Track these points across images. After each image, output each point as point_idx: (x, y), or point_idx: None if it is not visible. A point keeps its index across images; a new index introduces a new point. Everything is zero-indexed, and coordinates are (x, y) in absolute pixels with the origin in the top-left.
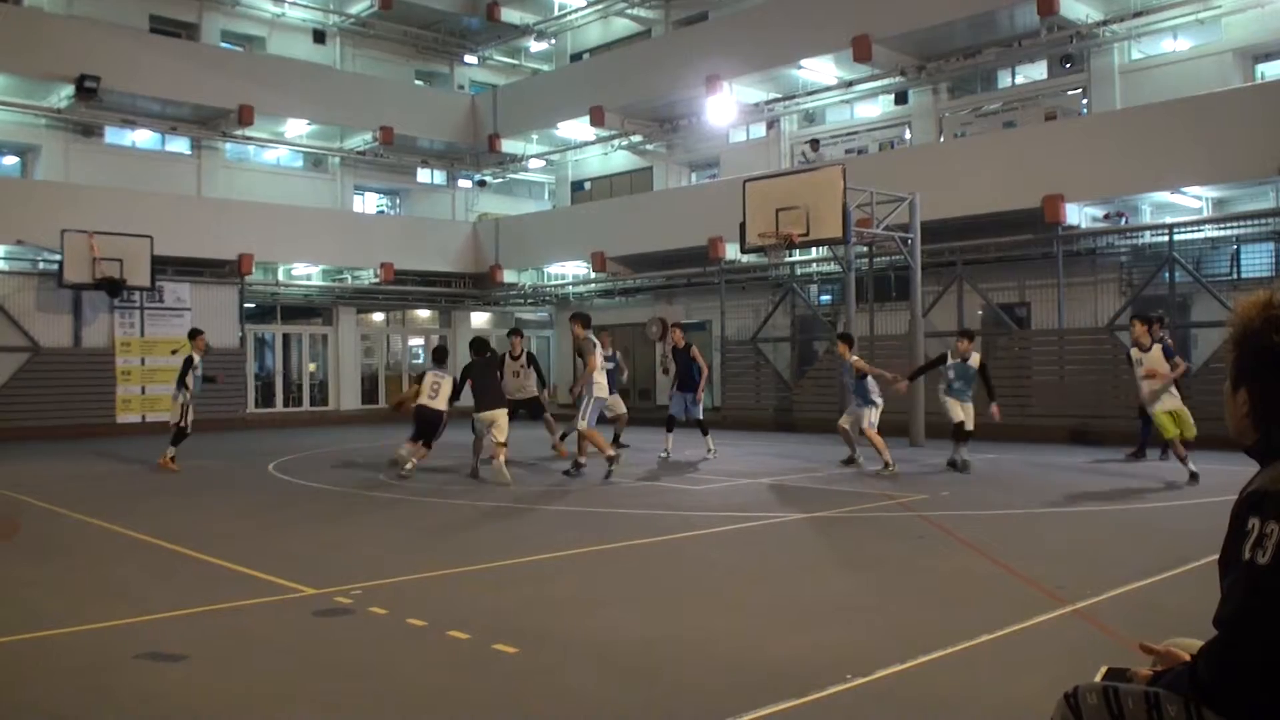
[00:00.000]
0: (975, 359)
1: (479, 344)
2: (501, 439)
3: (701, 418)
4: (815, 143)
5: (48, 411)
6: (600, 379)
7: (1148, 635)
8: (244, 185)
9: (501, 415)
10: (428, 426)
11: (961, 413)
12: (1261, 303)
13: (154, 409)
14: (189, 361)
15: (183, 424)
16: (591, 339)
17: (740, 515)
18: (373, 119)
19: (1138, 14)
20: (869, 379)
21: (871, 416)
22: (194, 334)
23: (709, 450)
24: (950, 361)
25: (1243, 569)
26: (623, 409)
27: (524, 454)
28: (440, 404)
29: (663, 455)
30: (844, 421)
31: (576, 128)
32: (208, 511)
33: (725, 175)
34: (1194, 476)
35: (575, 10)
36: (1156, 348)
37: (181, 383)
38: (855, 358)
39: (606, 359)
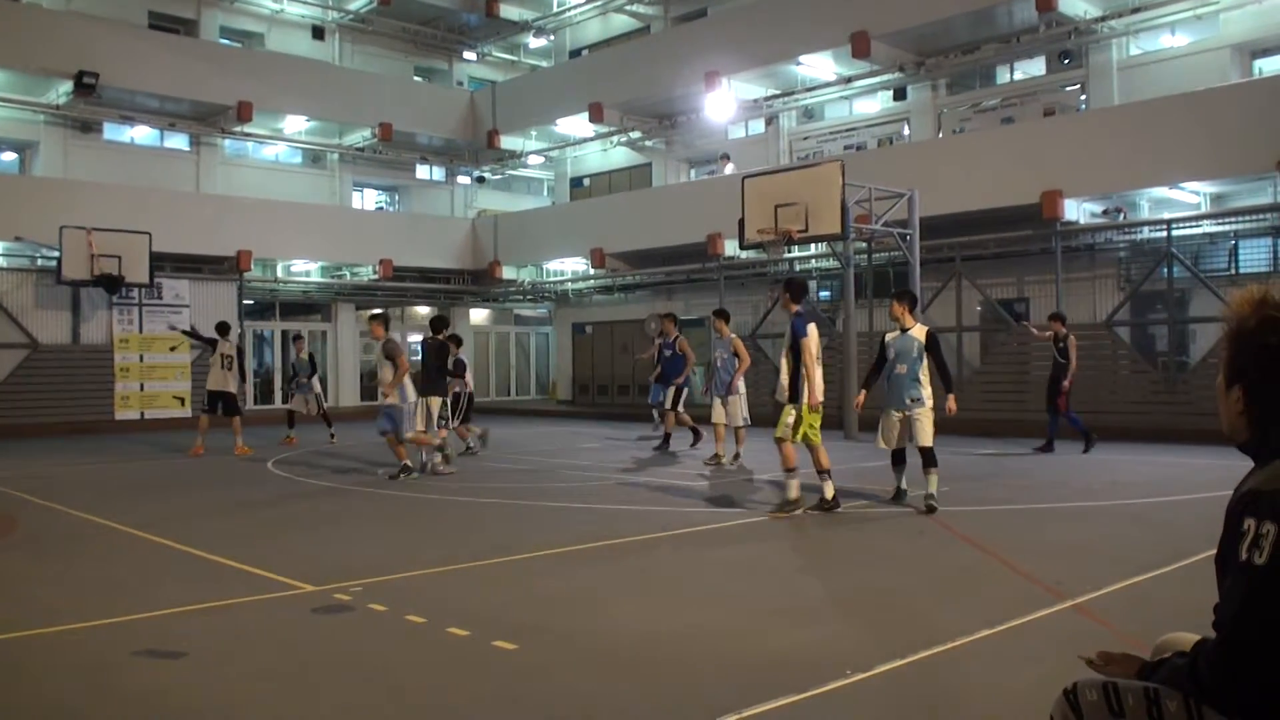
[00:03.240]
0: (919, 330)
1: (439, 323)
2: (422, 426)
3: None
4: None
5: (46, 408)
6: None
7: (1146, 630)
8: (243, 181)
9: (436, 402)
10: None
11: (897, 425)
12: (1256, 300)
13: (152, 405)
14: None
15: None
16: (395, 341)
17: (740, 511)
18: (372, 115)
19: (1136, 10)
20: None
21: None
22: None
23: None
24: (888, 338)
25: (1240, 570)
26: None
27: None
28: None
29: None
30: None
31: (575, 124)
32: (207, 508)
33: (724, 171)
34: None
35: (574, 6)
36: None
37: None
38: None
39: (665, 345)
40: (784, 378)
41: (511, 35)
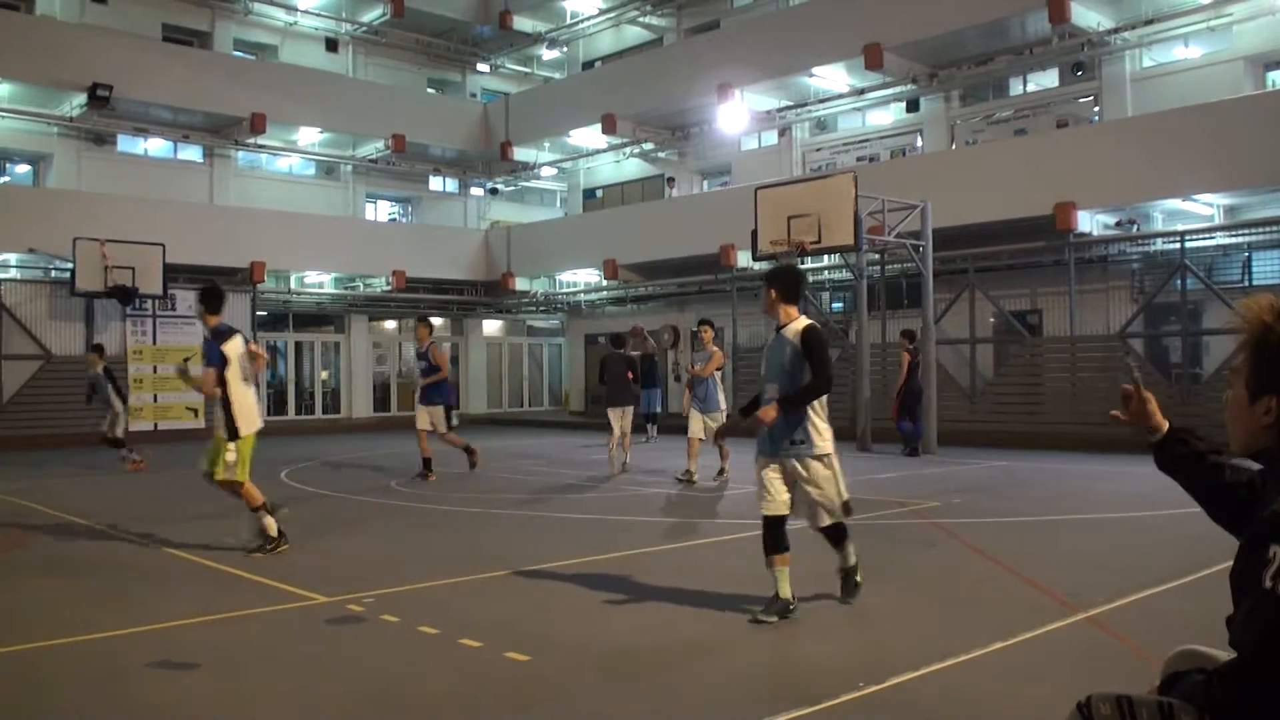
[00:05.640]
0: (800, 325)
1: (620, 340)
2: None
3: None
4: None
5: (59, 419)
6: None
7: (1160, 642)
8: (256, 193)
9: (627, 411)
10: None
11: (780, 486)
12: (1277, 308)
13: (165, 417)
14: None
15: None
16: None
17: (750, 523)
18: (385, 127)
19: (1149, 22)
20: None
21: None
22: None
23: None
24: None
25: (1264, 598)
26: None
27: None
28: None
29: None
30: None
31: (588, 135)
32: (219, 519)
33: (737, 183)
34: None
35: (587, 18)
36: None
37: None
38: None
39: (418, 356)
40: (219, 410)
41: (524, 47)
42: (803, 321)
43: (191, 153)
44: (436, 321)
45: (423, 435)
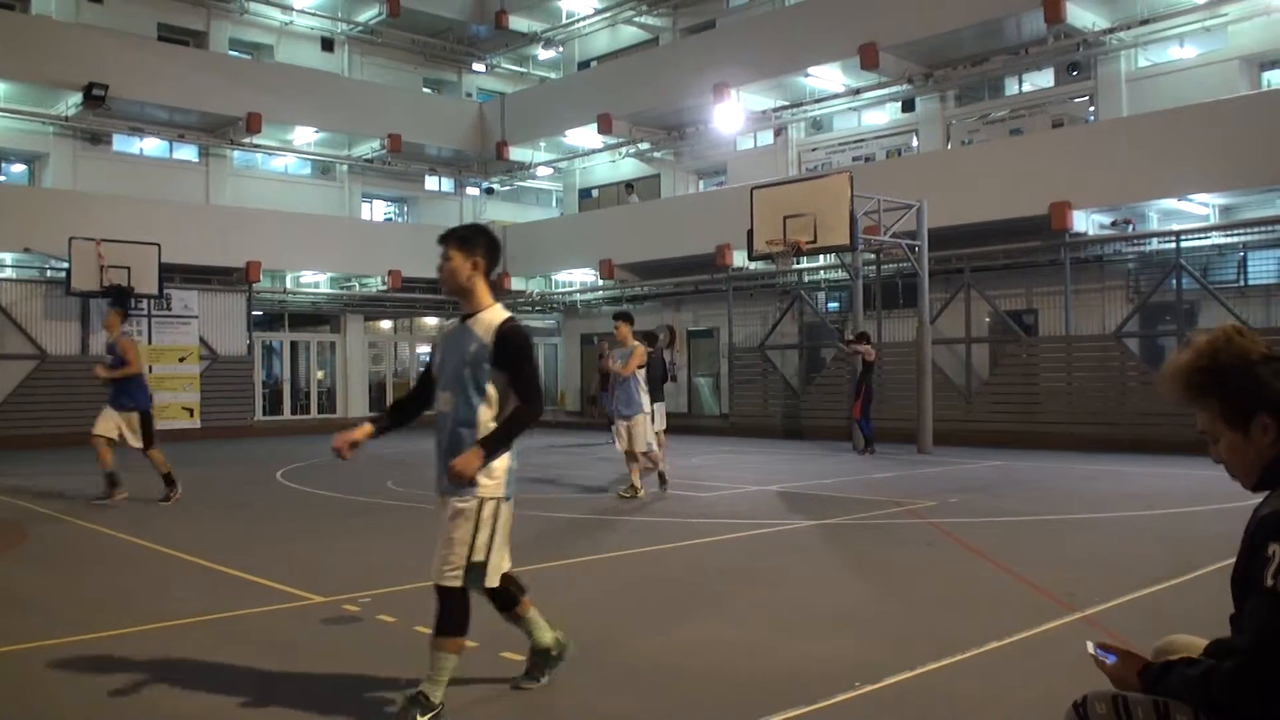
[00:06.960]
0: (497, 319)
1: (654, 337)
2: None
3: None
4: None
5: (54, 419)
6: None
7: (1156, 642)
8: (252, 193)
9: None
10: None
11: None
12: (1233, 336)
13: (161, 416)
14: None
15: None
16: None
17: (747, 523)
18: (381, 126)
19: (1144, 22)
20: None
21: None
22: None
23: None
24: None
25: (1265, 597)
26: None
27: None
28: None
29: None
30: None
31: (584, 135)
32: (216, 520)
33: (733, 183)
34: None
35: (583, 18)
36: None
37: None
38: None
39: (107, 349)
40: None
41: (520, 47)
42: (500, 314)
43: (187, 152)
44: (431, 321)
45: (103, 445)
